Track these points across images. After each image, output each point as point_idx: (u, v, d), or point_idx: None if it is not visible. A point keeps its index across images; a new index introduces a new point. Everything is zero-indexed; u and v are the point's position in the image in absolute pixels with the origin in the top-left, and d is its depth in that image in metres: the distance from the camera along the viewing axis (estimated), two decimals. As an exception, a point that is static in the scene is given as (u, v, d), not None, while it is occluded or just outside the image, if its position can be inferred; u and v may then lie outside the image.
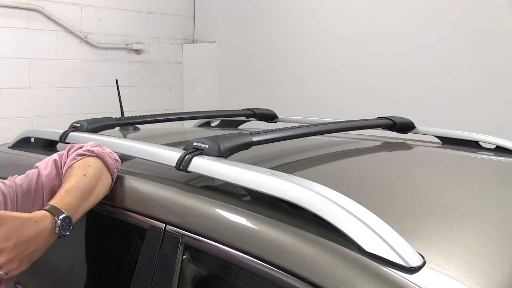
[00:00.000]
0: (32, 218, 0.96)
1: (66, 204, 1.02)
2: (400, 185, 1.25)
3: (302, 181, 0.93)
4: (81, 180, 1.08)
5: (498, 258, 0.85)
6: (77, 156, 1.15)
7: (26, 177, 1.14)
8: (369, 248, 0.79)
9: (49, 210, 0.99)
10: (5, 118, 3.75)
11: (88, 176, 1.10)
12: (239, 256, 0.91)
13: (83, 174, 1.10)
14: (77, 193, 1.06)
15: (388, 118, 1.79)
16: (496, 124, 2.93)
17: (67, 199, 1.03)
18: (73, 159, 1.15)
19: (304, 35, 4.01)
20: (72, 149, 1.21)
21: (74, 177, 1.09)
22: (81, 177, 1.09)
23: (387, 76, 3.53)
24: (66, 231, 1.00)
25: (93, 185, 1.10)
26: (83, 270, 1.32)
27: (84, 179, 1.09)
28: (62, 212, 1.00)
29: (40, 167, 1.17)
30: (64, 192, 1.05)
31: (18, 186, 1.11)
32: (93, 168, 1.13)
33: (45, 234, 0.97)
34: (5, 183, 1.10)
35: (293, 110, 3.58)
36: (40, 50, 3.87)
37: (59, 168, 1.17)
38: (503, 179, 1.37)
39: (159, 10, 4.63)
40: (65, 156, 1.19)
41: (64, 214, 1.00)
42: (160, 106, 4.63)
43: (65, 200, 1.03)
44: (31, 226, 0.95)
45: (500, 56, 3.01)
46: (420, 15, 3.33)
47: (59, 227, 0.99)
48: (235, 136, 1.19)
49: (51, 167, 1.16)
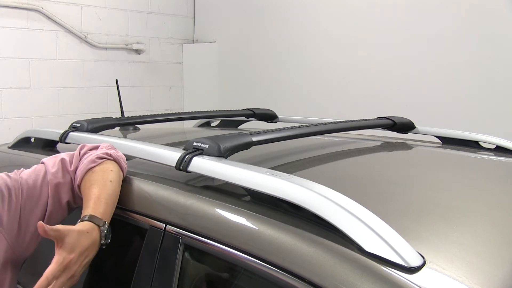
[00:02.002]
0: (83, 229, 0.99)
1: (102, 213, 1.05)
2: (400, 185, 1.25)
3: (302, 181, 0.93)
4: (108, 186, 1.10)
5: (498, 258, 0.85)
6: (97, 159, 1.15)
7: (33, 172, 1.14)
8: (369, 248, 0.79)
9: (92, 220, 1.02)
10: (5, 118, 3.75)
11: (113, 182, 1.12)
12: (239, 256, 0.91)
13: (108, 180, 1.11)
14: (108, 200, 1.08)
15: (388, 118, 1.79)
16: (496, 124, 2.93)
17: (102, 208, 1.05)
18: (92, 161, 1.15)
19: (304, 35, 4.01)
20: (84, 148, 1.20)
21: (101, 182, 1.10)
22: (108, 183, 1.11)
23: (387, 76, 3.52)
24: (108, 239, 1.04)
25: (117, 190, 1.13)
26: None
27: (110, 185, 1.11)
28: (104, 221, 1.03)
29: (48, 164, 1.16)
30: (97, 200, 1.06)
31: (24, 181, 1.11)
32: (114, 173, 1.14)
33: (96, 244, 1.01)
34: (10, 177, 1.11)
35: (293, 110, 3.58)
36: (40, 50, 3.87)
37: (68, 167, 1.17)
38: (503, 179, 1.37)
39: (159, 10, 4.63)
40: (77, 156, 1.18)
41: (106, 224, 1.03)
42: (160, 106, 4.63)
43: (100, 209, 1.05)
44: (85, 237, 0.99)
45: (500, 56, 3.01)
46: (420, 15, 3.33)
47: (104, 236, 1.02)
48: (235, 136, 1.19)
49: (58, 165, 1.16)
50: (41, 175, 1.13)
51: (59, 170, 1.15)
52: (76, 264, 0.96)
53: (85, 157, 1.17)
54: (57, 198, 1.13)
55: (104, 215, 1.04)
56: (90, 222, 1.01)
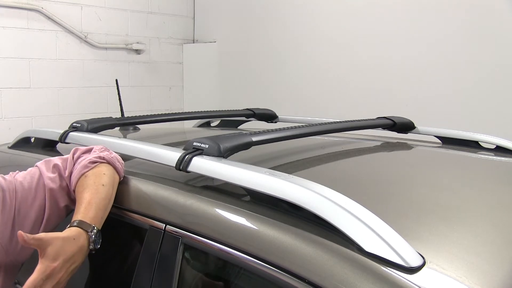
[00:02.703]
0: (70, 236, 0.98)
1: (92, 218, 1.03)
2: (400, 185, 1.25)
3: (302, 181, 0.93)
4: (100, 191, 1.09)
5: (498, 258, 0.85)
6: (90, 164, 1.14)
7: (28, 174, 1.14)
8: (369, 248, 0.79)
9: (80, 226, 1.01)
10: (5, 118, 3.75)
11: (106, 186, 1.11)
12: (239, 256, 0.91)
13: (101, 184, 1.10)
14: (100, 205, 1.07)
15: (388, 118, 1.79)
16: (496, 124, 2.93)
17: (92, 212, 1.04)
18: (85, 167, 1.14)
19: (304, 35, 4.00)
20: (77, 152, 1.20)
21: (93, 187, 1.09)
22: (100, 187, 1.10)
23: (387, 76, 3.52)
24: (97, 244, 1.03)
25: (110, 194, 1.11)
26: (83, 270, 1.32)
27: (102, 189, 1.10)
28: (93, 226, 1.02)
29: (42, 168, 1.16)
30: (87, 204, 1.06)
31: (19, 183, 1.11)
32: (107, 176, 1.13)
33: (83, 250, 1.00)
34: (5, 179, 1.11)
35: (293, 110, 3.58)
36: (40, 50, 3.87)
37: (62, 173, 1.16)
38: (503, 179, 1.37)
39: (159, 10, 4.63)
40: (71, 160, 1.18)
41: (95, 229, 1.02)
42: (160, 106, 4.63)
43: (90, 214, 1.04)
44: (71, 244, 0.97)
45: (500, 56, 3.01)
46: (420, 15, 3.33)
47: (93, 242, 1.01)
48: (235, 136, 1.19)
49: (52, 170, 1.16)
50: (36, 178, 1.13)
51: (56, 176, 1.15)
52: (60, 272, 0.95)
53: (78, 162, 1.16)
54: (54, 202, 1.13)
55: (94, 220, 1.03)
56: (78, 228, 1.00)
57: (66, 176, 1.15)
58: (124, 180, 1.20)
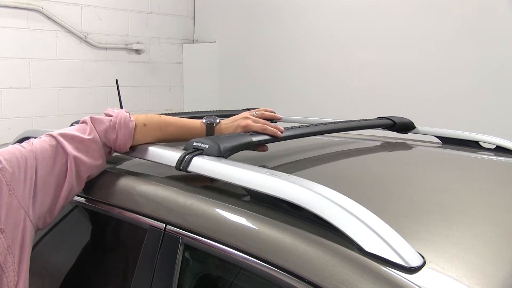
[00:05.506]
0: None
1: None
2: (400, 185, 1.25)
3: (302, 181, 0.92)
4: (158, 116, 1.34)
5: (498, 258, 0.85)
6: (113, 120, 1.25)
7: (45, 142, 1.14)
8: (369, 248, 0.79)
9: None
10: (5, 118, 3.75)
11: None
12: (239, 256, 0.91)
13: (148, 116, 1.33)
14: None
15: (388, 118, 1.79)
16: (496, 124, 2.93)
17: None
18: (117, 124, 1.24)
19: (304, 36, 4.01)
20: (68, 131, 1.19)
21: (156, 117, 1.31)
22: (155, 115, 1.34)
23: (387, 76, 3.53)
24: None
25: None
26: (83, 270, 1.32)
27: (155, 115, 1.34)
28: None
29: (59, 138, 1.15)
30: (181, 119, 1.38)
31: (39, 152, 1.11)
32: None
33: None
34: (25, 147, 1.12)
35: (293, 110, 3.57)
36: (40, 50, 3.87)
37: (96, 136, 1.20)
38: (503, 179, 1.37)
39: (159, 10, 4.64)
40: (81, 139, 1.18)
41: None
42: (160, 106, 4.63)
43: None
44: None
45: (500, 57, 3.01)
46: (420, 16, 3.33)
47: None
48: (235, 136, 1.19)
49: (73, 142, 1.17)
50: (54, 146, 1.14)
51: (80, 147, 1.16)
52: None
53: (98, 130, 1.22)
54: (76, 169, 1.14)
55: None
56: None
57: (113, 138, 1.21)
58: (124, 180, 1.20)
